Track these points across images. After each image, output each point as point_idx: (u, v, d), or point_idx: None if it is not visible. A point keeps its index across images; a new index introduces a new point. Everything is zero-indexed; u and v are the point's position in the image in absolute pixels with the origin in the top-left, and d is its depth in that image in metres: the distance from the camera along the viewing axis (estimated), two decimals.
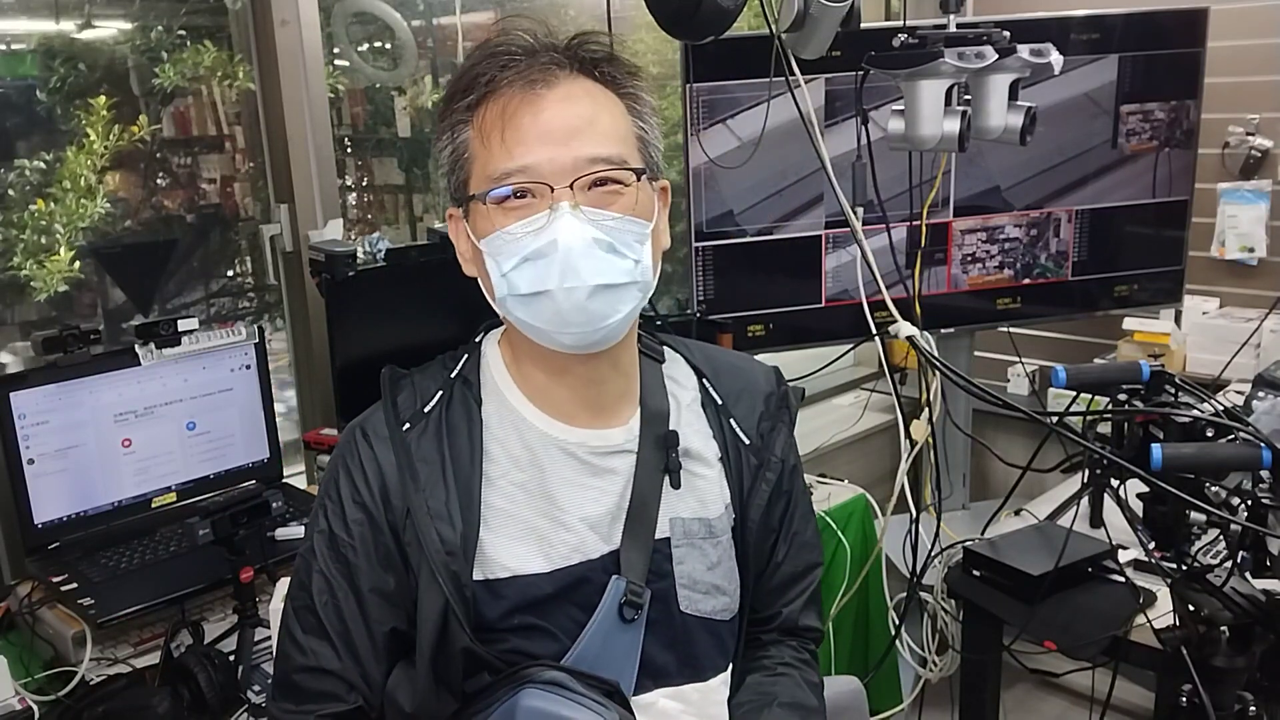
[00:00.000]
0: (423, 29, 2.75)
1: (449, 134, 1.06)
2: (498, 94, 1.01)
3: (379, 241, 1.90)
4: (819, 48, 1.68)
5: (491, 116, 1.01)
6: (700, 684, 1.14)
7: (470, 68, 1.04)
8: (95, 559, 1.62)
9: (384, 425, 1.08)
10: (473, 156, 1.04)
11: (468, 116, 1.04)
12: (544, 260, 0.99)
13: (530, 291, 1.00)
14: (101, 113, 2.01)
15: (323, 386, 2.09)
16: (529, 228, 1.00)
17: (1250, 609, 1.28)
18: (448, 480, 1.06)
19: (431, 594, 1.03)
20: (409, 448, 1.06)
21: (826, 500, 2.23)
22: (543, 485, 1.08)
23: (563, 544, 1.07)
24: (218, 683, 1.39)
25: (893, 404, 1.99)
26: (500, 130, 1.00)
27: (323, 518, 1.08)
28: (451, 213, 1.10)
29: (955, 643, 2.02)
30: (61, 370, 1.62)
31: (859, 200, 1.81)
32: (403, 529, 1.05)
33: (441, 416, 1.08)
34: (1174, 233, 2.61)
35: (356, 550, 1.06)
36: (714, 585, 1.13)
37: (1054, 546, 1.65)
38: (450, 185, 1.08)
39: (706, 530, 1.13)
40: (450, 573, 1.03)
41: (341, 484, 1.08)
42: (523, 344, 1.09)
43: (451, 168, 1.07)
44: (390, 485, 1.05)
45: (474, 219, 1.05)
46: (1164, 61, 2.50)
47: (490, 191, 1.00)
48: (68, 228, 1.98)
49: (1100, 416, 1.41)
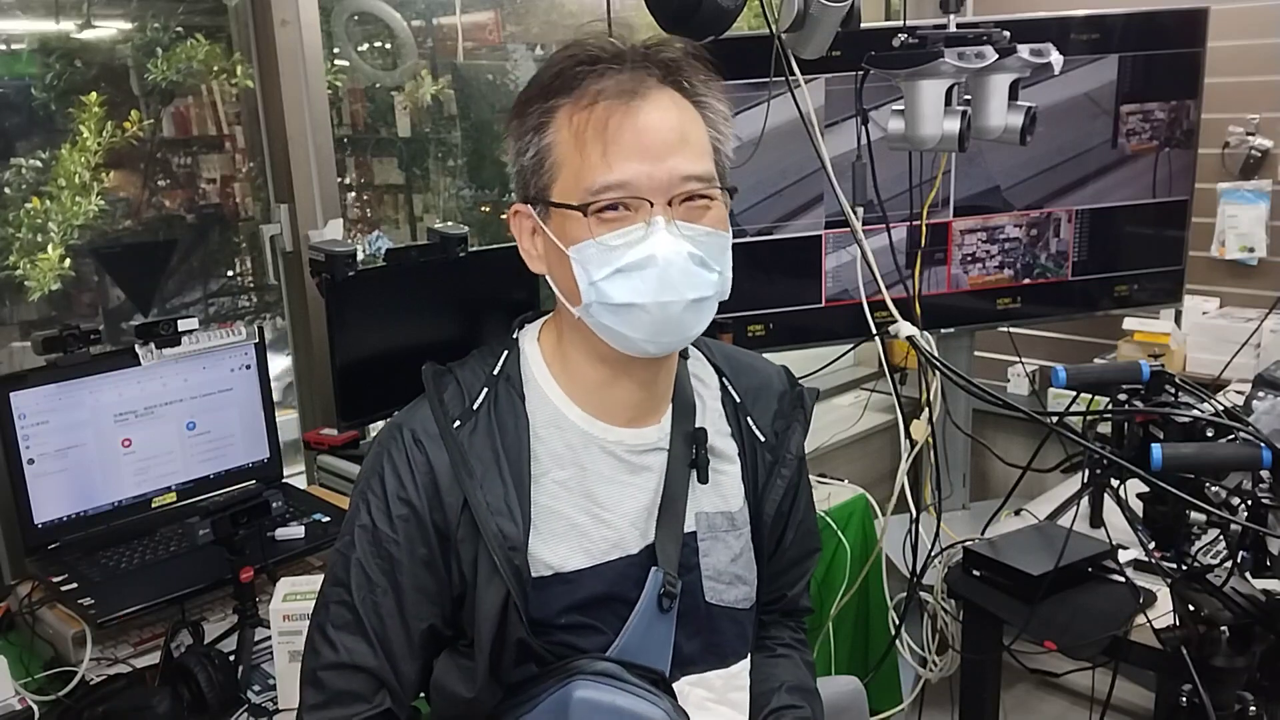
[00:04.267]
0: (423, 29, 2.75)
1: (533, 134, 1.05)
2: (593, 101, 1.01)
3: (379, 241, 1.91)
4: (819, 48, 1.68)
5: (591, 126, 1.01)
6: (724, 670, 1.17)
7: (560, 70, 1.04)
8: (95, 559, 1.62)
9: (432, 423, 1.07)
10: (561, 161, 1.03)
11: (556, 119, 1.03)
12: (640, 273, 1.01)
13: (624, 302, 1.01)
14: (94, 109, 2.01)
15: (323, 386, 2.09)
16: (624, 239, 1.01)
17: (1250, 609, 1.28)
18: (504, 476, 1.06)
19: (493, 588, 1.04)
20: (461, 445, 1.06)
21: (826, 500, 2.23)
22: (583, 483, 1.10)
23: (603, 540, 1.09)
24: (218, 683, 1.39)
25: (893, 404, 1.99)
26: (602, 143, 1.00)
27: (365, 512, 1.07)
28: (519, 208, 1.09)
29: (955, 643, 2.02)
30: (61, 370, 1.62)
31: (859, 200, 1.81)
32: (455, 526, 1.05)
33: (490, 413, 1.09)
34: (1174, 233, 2.61)
35: (400, 545, 1.05)
36: (736, 575, 1.17)
37: (1054, 546, 1.64)
38: (527, 183, 1.07)
39: (729, 523, 1.17)
40: (513, 566, 1.04)
41: (387, 479, 1.07)
42: (582, 344, 1.10)
43: (533, 168, 1.05)
44: (442, 483, 1.05)
45: (558, 222, 1.05)
46: (1164, 61, 2.50)
47: (589, 205, 1.01)
48: (62, 226, 1.98)
49: (1100, 416, 1.41)
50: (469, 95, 2.83)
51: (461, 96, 2.79)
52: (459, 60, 2.81)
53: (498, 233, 2.99)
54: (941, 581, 1.92)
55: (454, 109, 2.78)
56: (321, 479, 1.98)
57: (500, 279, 2.03)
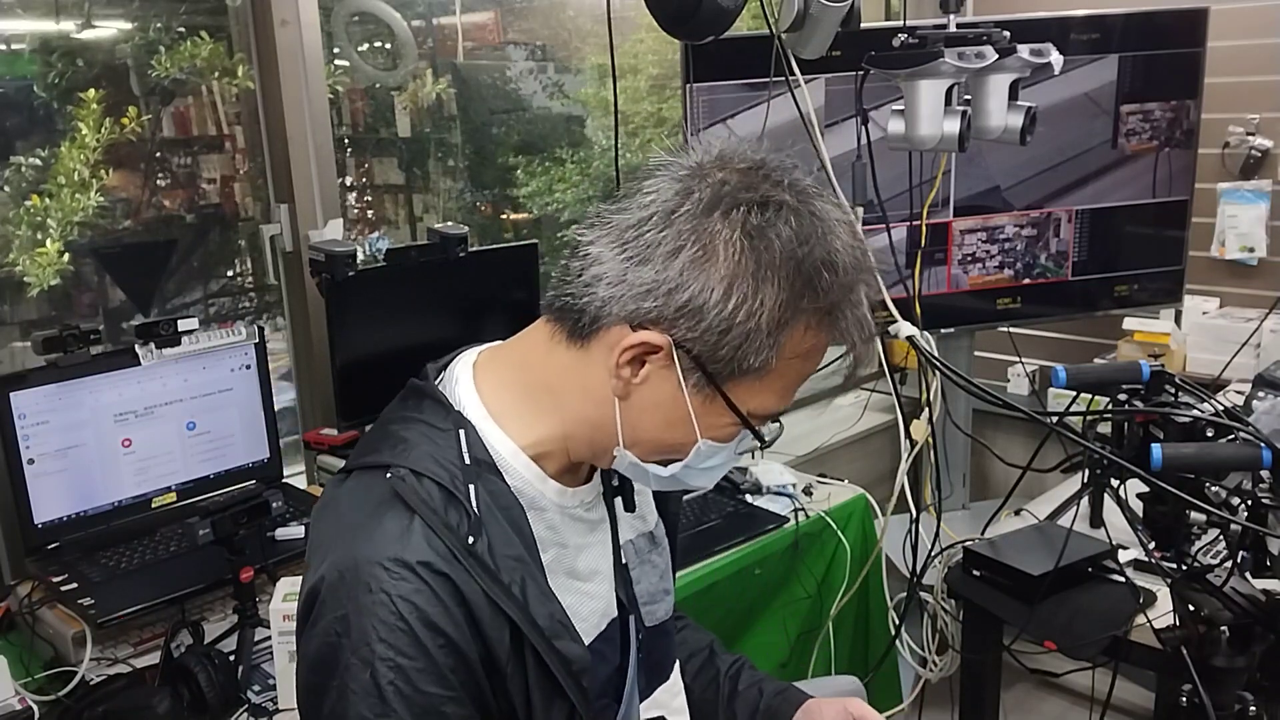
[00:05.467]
0: (423, 29, 2.75)
1: (775, 322, 0.85)
2: (821, 352, 0.91)
3: (379, 241, 1.91)
4: (819, 48, 1.68)
5: (806, 370, 0.91)
6: (666, 683, 1.14)
7: (847, 303, 0.88)
8: (95, 559, 1.63)
9: (441, 549, 0.87)
10: (777, 373, 0.88)
11: (803, 334, 0.87)
12: (715, 470, 0.96)
13: (683, 480, 0.96)
14: (92, 106, 2.01)
15: (323, 386, 2.09)
16: (730, 448, 0.94)
17: (1250, 609, 1.28)
18: (540, 585, 0.92)
19: (556, 711, 0.92)
20: (486, 565, 0.88)
21: (827, 500, 2.22)
22: (564, 562, 0.98)
23: (592, 614, 1.01)
24: (218, 683, 1.39)
25: (893, 404, 1.99)
26: (795, 385, 0.92)
27: (401, 684, 0.84)
28: (655, 341, 0.86)
29: (955, 643, 2.02)
30: (61, 370, 1.62)
31: (859, 200, 1.81)
32: (505, 661, 0.89)
33: (493, 512, 0.91)
34: (1174, 233, 2.61)
35: (460, 700, 0.87)
36: (664, 590, 1.12)
37: (1054, 546, 1.64)
38: (725, 352, 0.85)
39: (650, 543, 1.11)
40: (580, 689, 0.92)
41: (420, 635, 0.84)
42: (581, 439, 0.95)
43: (754, 347, 0.85)
44: (481, 616, 0.87)
45: (704, 401, 0.89)
46: (1164, 61, 2.50)
47: (756, 426, 0.92)
48: (61, 223, 1.98)
49: (1100, 416, 1.41)
50: (469, 95, 2.83)
51: (461, 97, 2.79)
52: (459, 60, 2.81)
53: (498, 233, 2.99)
54: (941, 581, 1.92)
55: (454, 109, 2.78)
56: (321, 479, 1.99)
57: (500, 279, 2.03)
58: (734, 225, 0.84)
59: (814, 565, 2.16)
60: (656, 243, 0.85)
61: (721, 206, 0.85)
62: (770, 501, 2.18)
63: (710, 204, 0.85)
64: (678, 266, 0.84)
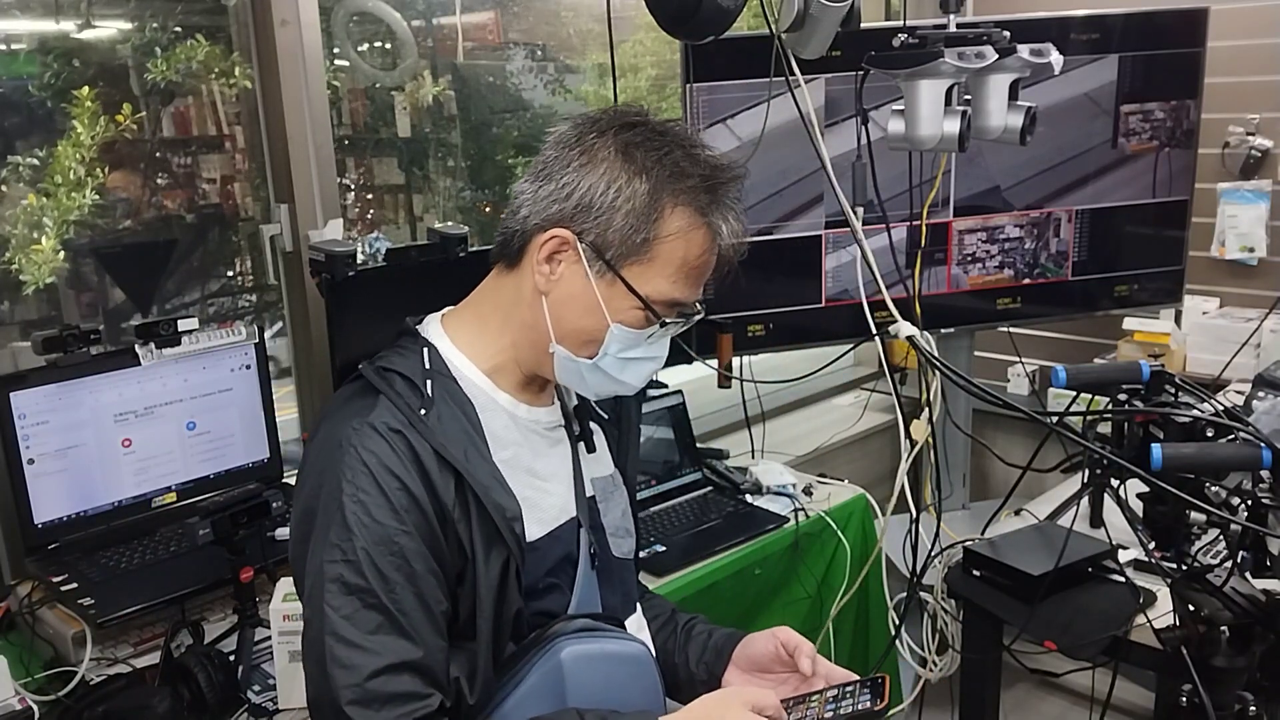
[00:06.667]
0: (423, 29, 2.75)
1: (648, 206, 1.09)
2: (713, 240, 1.13)
3: (379, 241, 1.91)
4: (819, 48, 1.68)
5: (701, 258, 1.13)
6: (634, 616, 1.31)
7: (716, 186, 1.11)
8: (95, 559, 1.62)
9: (399, 414, 1.09)
10: (661, 256, 1.10)
11: (681, 221, 1.10)
12: (638, 364, 1.16)
13: (611, 374, 1.15)
14: (86, 104, 2.01)
15: (323, 386, 2.09)
16: (649, 336, 1.15)
17: (1250, 609, 1.28)
18: (482, 454, 1.11)
19: (494, 557, 1.09)
20: (434, 430, 1.09)
21: (826, 500, 2.23)
22: (522, 459, 1.17)
23: (551, 507, 1.19)
24: (218, 683, 1.40)
25: (893, 404, 1.99)
26: (697, 276, 1.14)
27: (360, 514, 1.04)
28: (563, 236, 1.11)
29: (955, 643, 2.02)
30: (61, 370, 1.62)
31: (859, 200, 1.81)
32: (451, 507, 1.07)
33: (445, 399, 1.13)
34: (1174, 233, 2.61)
35: (410, 534, 1.05)
36: (626, 529, 1.31)
37: (1054, 546, 1.64)
38: (600, 230, 1.10)
39: (613, 484, 1.30)
40: (515, 535, 1.10)
41: (377, 474, 1.05)
42: (524, 350, 1.17)
43: (624, 230, 1.09)
44: (430, 467, 1.07)
45: (609, 288, 1.11)
46: (1164, 61, 2.50)
47: (659, 310, 1.12)
48: (58, 221, 1.98)
49: (1100, 416, 1.41)
50: (469, 95, 2.83)
51: (461, 97, 2.79)
52: (459, 60, 2.81)
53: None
54: (941, 581, 1.92)
55: (454, 109, 2.78)
56: None
57: None
58: (608, 139, 1.11)
59: (814, 565, 2.16)
60: (556, 162, 1.12)
61: (598, 128, 1.12)
62: (770, 501, 2.18)
63: (593, 129, 1.12)
64: (571, 175, 1.10)
